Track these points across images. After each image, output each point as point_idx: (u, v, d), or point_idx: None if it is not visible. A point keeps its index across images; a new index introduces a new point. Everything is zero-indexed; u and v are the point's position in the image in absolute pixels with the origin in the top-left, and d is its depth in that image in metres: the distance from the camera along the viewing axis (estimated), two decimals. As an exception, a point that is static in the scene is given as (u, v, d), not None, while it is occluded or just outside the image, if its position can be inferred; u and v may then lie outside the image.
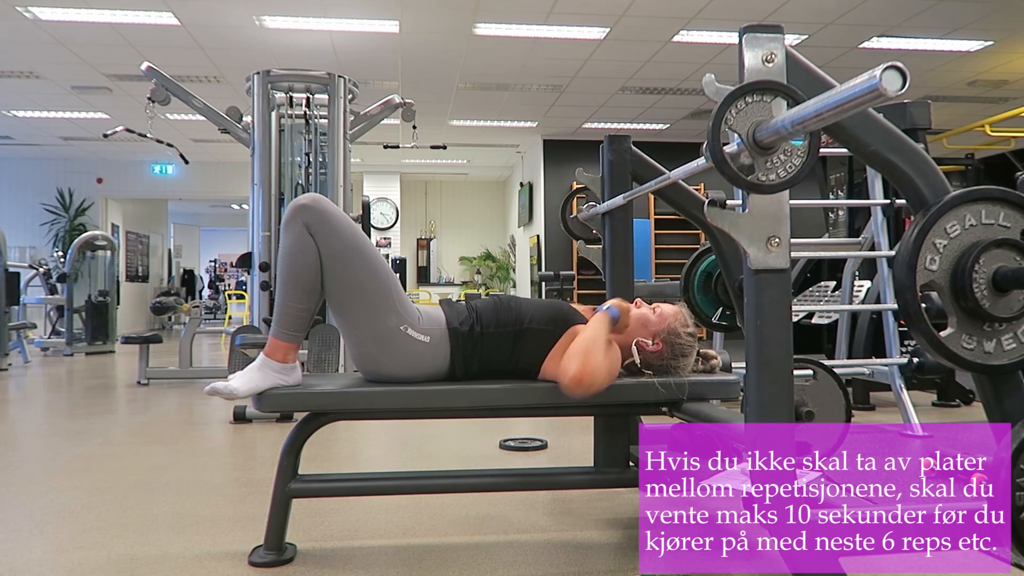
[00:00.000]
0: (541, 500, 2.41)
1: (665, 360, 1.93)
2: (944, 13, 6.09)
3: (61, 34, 6.44)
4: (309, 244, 1.80)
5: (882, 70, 1.02)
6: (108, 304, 8.53)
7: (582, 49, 7.00)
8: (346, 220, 1.87)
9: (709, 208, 1.41)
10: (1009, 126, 7.56)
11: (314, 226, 1.81)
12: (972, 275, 1.62)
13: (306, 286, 1.82)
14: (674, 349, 1.93)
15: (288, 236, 1.82)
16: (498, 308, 1.94)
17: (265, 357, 1.84)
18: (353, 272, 1.83)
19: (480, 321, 1.90)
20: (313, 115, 4.87)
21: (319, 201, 1.84)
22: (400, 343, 1.83)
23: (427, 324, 1.87)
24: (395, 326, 1.83)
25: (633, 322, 1.95)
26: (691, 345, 1.95)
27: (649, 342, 1.92)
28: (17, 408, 4.87)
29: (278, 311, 1.85)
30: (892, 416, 3.93)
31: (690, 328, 1.96)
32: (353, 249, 1.83)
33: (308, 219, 1.81)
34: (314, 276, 1.82)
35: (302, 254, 1.81)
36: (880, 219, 3.86)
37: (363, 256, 1.84)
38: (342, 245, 1.82)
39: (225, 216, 18.51)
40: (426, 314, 1.90)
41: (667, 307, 1.99)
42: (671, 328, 1.93)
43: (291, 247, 1.82)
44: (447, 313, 1.93)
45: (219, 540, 2.06)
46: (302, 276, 1.81)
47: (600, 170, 2.59)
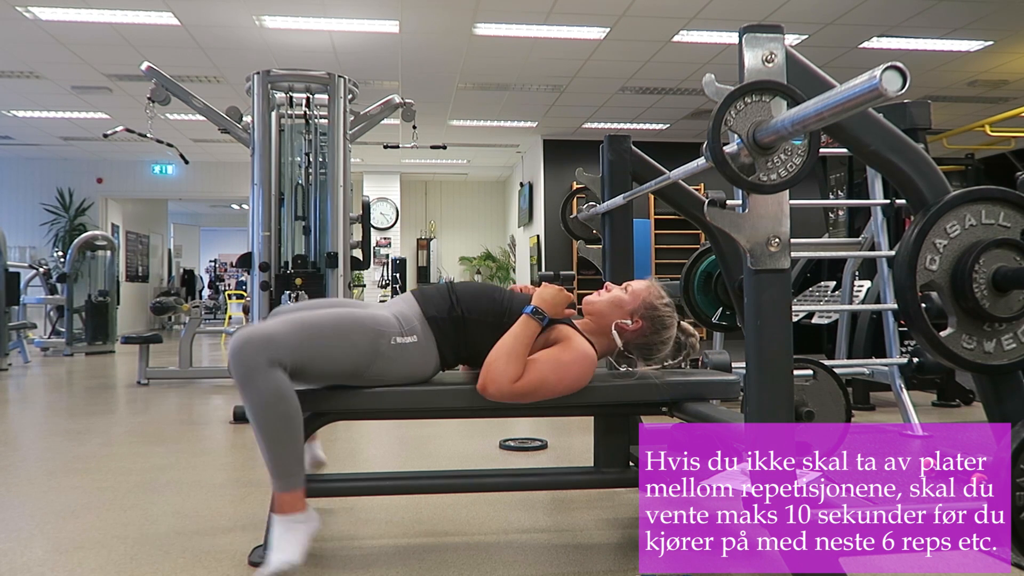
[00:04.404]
0: (541, 500, 2.41)
1: (648, 336, 1.91)
2: (944, 13, 6.09)
3: (61, 34, 6.44)
4: (282, 381, 1.63)
5: (882, 70, 1.02)
6: (108, 304, 8.53)
7: (582, 49, 7.00)
8: (291, 326, 1.69)
9: (709, 208, 1.41)
10: (1009, 126, 7.56)
11: (279, 357, 1.63)
12: (972, 275, 1.62)
13: (295, 423, 1.65)
14: (654, 323, 1.90)
15: (256, 386, 1.60)
16: (481, 296, 1.90)
17: (285, 516, 1.66)
18: (329, 357, 1.71)
19: (461, 304, 1.87)
20: (313, 115, 4.87)
21: (254, 334, 1.64)
22: (397, 356, 1.79)
23: (408, 324, 1.82)
24: (386, 345, 1.77)
25: (608, 307, 1.92)
26: (671, 316, 1.93)
27: (628, 322, 1.89)
28: (17, 408, 4.87)
29: (274, 464, 1.65)
30: (892, 416, 3.93)
31: (666, 299, 1.93)
32: (315, 345, 1.69)
33: (270, 356, 1.62)
34: (298, 409, 1.65)
35: (279, 396, 1.62)
36: (880, 219, 3.86)
37: (325, 338, 1.71)
38: (306, 350, 1.67)
39: (225, 216, 18.51)
40: (402, 314, 1.84)
41: (638, 283, 1.96)
42: (647, 303, 1.90)
43: (265, 396, 1.61)
44: (420, 303, 1.87)
45: (219, 540, 2.06)
46: (289, 418, 1.64)
47: (600, 170, 2.60)
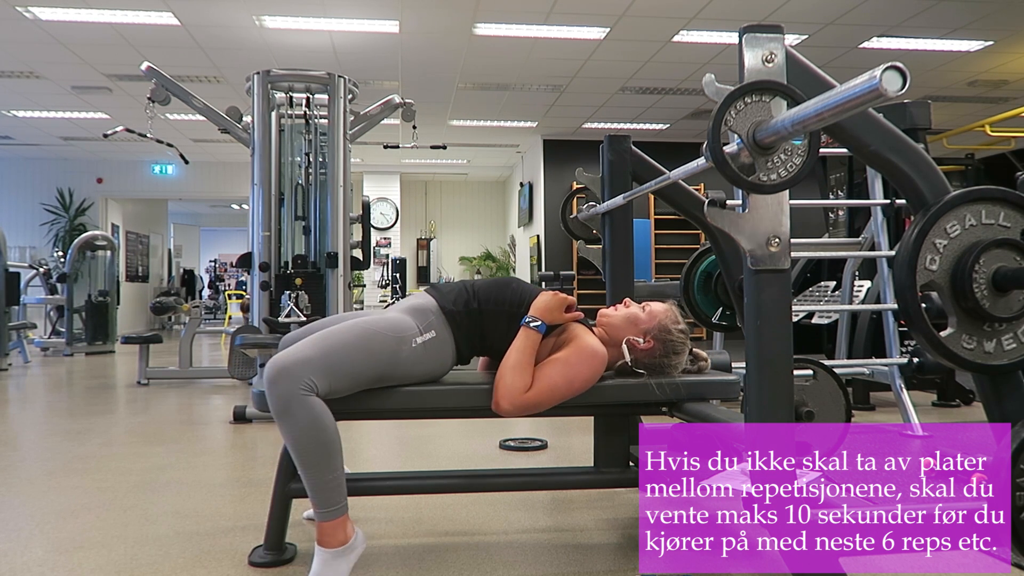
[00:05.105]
0: (541, 500, 2.41)
1: (657, 358, 1.90)
2: (944, 13, 6.09)
3: (61, 34, 6.44)
4: (319, 408, 1.62)
5: (882, 70, 1.02)
6: (108, 304, 8.53)
7: (582, 49, 6.99)
8: (327, 346, 1.68)
9: (709, 208, 1.41)
10: (1009, 126, 7.56)
11: (315, 381, 1.63)
12: (972, 275, 1.62)
13: (334, 449, 1.64)
14: (666, 346, 1.90)
15: (294, 416, 1.60)
16: (501, 287, 1.92)
17: (327, 550, 1.66)
18: (355, 373, 1.70)
19: (477, 298, 1.88)
20: (313, 115, 4.87)
21: (287, 362, 1.62)
22: (420, 356, 1.79)
23: (425, 320, 1.83)
24: (408, 349, 1.77)
25: (623, 321, 1.93)
26: (683, 342, 1.93)
27: (640, 340, 1.90)
28: (17, 408, 4.87)
29: (315, 493, 1.64)
30: (892, 416, 3.93)
31: (681, 325, 1.94)
32: (343, 362, 1.68)
33: (306, 383, 1.61)
34: (336, 436, 1.65)
35: (318, 426, 1.61)
36: (880, 219, 3.86)
37: (350, 355, 1.69)
38: (335, 370, 1.66)
39: (225, 216, 18.51)
40: (418, 312, 1.85)
41: (657, 305, 1.96)
42: (662, 325, 1.91)
43: (304, 426, 1.60)
44: (436, 298, 1.89)
45: (219, 540, 2.06)
46: (329, 444, 1.63)
47: (600, 170, 2.60)
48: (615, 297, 2.47)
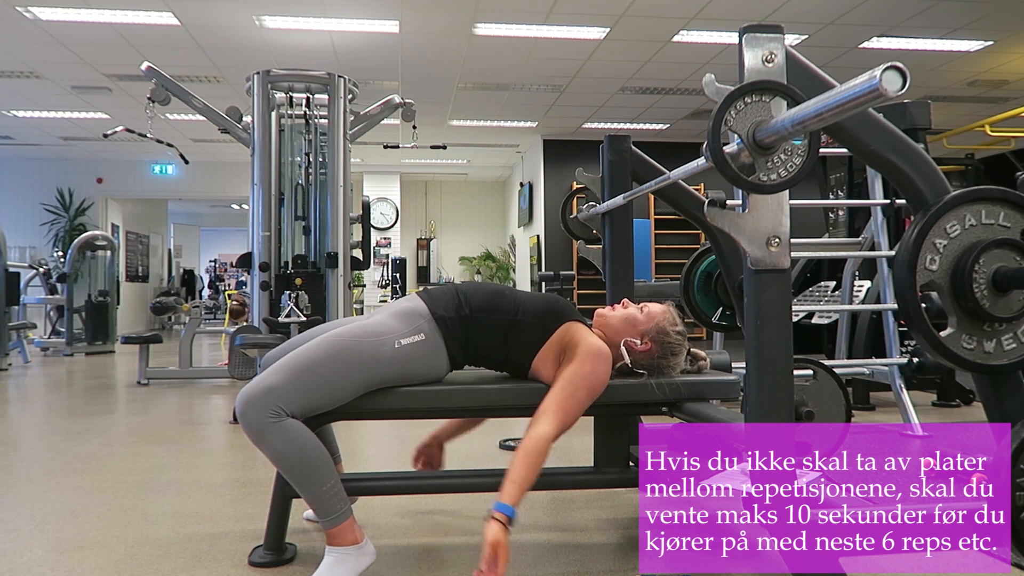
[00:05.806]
0: (541, 500, 2.41)
1: (655, 359, 1.90)
2: (944, 13, 6.09)
3: (61, 34, 6.44)
4: (293, 430, 1.64)
5: (882, 70, 1.02)
6: (108, 304, 8.53)
7: (582, 49, 6.99)
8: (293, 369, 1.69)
9: (709, 208, 1.41)
10: (1009, 126, 7.56)
11: (286, 404, 1.64)
12: (972, 275, 1.62)
13: (319, 463, 1.67)
14: (664, 348, 1.90)
15: (269, 443, 1.63)
16: (494, 296, 1.91)
17: (336, 548, 1.69)
18: (333, 387, 1.71)
19: (469, 304, 1.86)
20: (313, 115, 4.87)
21: (253, 392, 1.64)
22: (407, 356, 1.78)
23: (414, 324, 1.81)
24: (390, 350, 1.76)
25: (620, 323, 1.93)
26: (680, 344, 1.93)
27: (638, 341, 1.89)
28: (17, 408, 4.87)
29: (313, 504, 1.69)
30: (892, 416, 3.93)
31: (679, 327, 1.93)
32: (316, 382, 1.68)
33: (274, 410, 1.63)
34: (318, 450, 1.67)
35: (295, 447, 1.64)
36: (880, 219, 3.86)
37: (323, 372, 1.70)
38: (309, 391, 1.68)
39: (225, 216, 18.51)
40: (407, 315, 1.83)
41: (655, 306, 1.96)
42: (659, 327, 1.90)
43: (280, 451, 1.64)
44: (427, 303, 1.87)
45: (219, 540, 2.06)
46: (311, 461, 1.66)
47: (600, 170, 2.60)
48: (615, 297, 2.47)
